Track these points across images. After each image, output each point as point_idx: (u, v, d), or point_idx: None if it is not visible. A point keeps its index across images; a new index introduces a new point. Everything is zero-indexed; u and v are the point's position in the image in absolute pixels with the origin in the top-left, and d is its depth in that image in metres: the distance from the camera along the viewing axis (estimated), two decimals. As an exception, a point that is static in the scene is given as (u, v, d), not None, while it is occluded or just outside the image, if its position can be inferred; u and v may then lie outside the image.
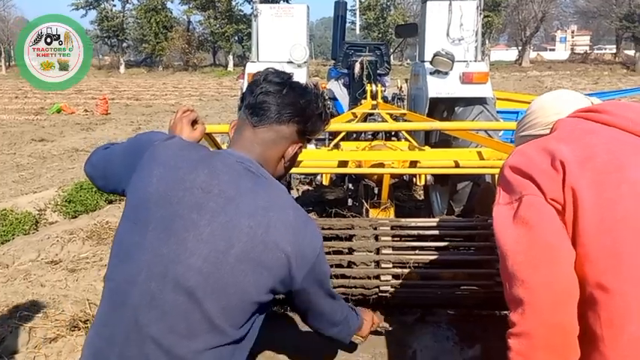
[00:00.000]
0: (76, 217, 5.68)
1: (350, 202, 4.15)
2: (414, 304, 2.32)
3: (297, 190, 6.57)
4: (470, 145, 3.61)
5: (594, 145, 1.15)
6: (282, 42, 4.30)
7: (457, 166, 3.16)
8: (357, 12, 16.37)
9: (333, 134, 4.18)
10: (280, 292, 1.28)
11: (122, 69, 50.43)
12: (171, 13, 51.18)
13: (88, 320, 3.32)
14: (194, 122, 1.60)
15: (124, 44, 54.20)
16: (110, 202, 6.28)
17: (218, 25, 48.92)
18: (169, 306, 1.16)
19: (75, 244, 4.75)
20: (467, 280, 2.12)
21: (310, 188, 6.66)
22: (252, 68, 4.34)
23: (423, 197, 5.62)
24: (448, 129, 3.63)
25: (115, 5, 52.63)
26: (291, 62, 4.27)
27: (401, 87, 5.48)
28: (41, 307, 3.53)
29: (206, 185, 1.23)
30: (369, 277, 2.04)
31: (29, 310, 3.49)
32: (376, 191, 3.65)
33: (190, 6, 49.65)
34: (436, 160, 3.35)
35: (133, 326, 1.17)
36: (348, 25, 8.86)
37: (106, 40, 54.28)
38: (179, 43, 48.18)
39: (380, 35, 45.34)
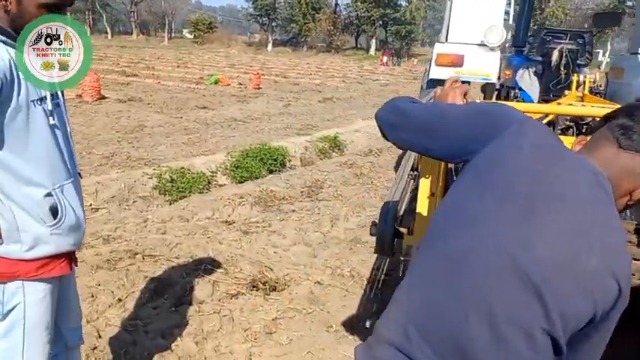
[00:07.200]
0: (242, 182, 5.97)
1: None
2: None
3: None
4: None
5: None
6: (477, 22, 4.05)
7: None
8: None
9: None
10: (596, 321, 1.11)
11: (269, 47, 52.88)
12: (320, -6, 52.46)
13: (266, 282, 3.44)
14: (464, 95, 1.50)
15: (274, 23, 56.71)
16: (271, 171, 6.53)
17: (365, 9, 49.20)
18: (507, 288, 1.06)
19: (244, 208, 4.99)
20: None
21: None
22: (440, 49, 4.16)
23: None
24: None
25: (269, -16, 55.14)
26: (484, 45, 4.02)
27: (596, 80, 4.96)
28: (221, 263, 3.73)
29: (570, 179, 1.13)
30: None
31: (211, 264, 3.70)
32: None
33: (339, -12, 50.49)
34: None
35: (470, 294, 1.09)
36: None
37: (257, 18, 57.28)
38: (325, 25, 49.29)
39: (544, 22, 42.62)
